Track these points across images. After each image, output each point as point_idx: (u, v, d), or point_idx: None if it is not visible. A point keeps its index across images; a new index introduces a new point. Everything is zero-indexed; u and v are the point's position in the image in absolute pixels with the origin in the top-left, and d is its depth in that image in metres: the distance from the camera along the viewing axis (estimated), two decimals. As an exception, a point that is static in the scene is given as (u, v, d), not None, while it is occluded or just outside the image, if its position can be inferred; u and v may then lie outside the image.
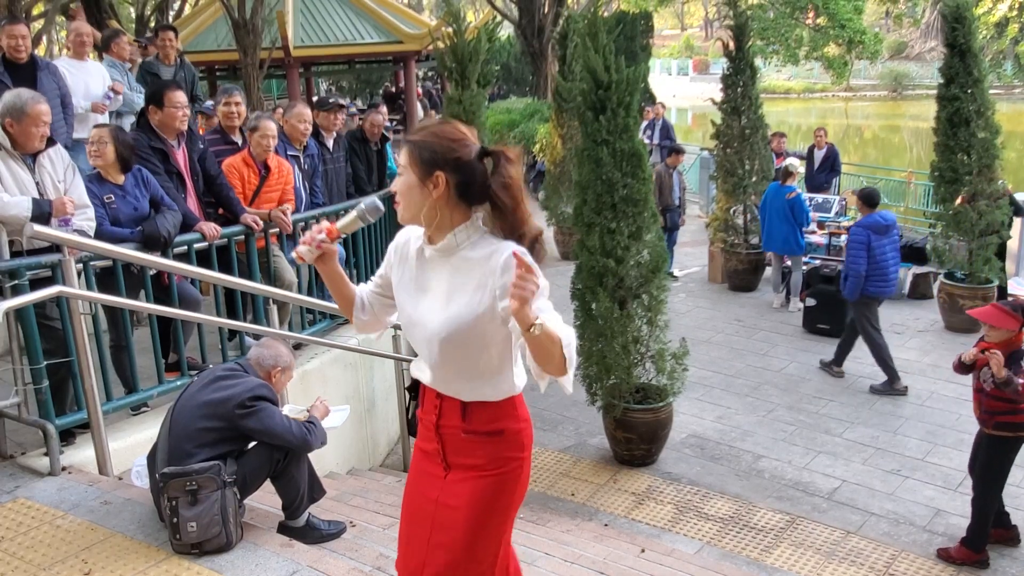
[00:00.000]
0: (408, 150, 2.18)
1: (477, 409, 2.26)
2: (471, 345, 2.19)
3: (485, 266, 2.15)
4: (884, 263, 7.23)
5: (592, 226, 5.85)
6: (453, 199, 2.16)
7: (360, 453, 6.02)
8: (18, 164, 4.10)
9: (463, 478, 2.29)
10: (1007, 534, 5.01)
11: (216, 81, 20.80)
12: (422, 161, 2.14)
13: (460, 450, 2.30)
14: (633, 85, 5.78)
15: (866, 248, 7.18)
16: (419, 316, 2.25)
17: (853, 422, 6.78)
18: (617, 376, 5.91)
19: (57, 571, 3.14)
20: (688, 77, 47.62)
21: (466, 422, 2.27)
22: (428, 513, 2.33)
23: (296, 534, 3.55)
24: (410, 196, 2.18)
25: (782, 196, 9.28)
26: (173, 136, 5.04)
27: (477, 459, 2.28)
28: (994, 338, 4.63)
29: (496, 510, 2.30)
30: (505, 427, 2.28)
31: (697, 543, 5.11)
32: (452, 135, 2.17)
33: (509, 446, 2.29)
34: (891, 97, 43.03)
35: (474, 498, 2.27)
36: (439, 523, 2.30)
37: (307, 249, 2.25)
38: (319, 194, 6.27)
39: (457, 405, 2.28)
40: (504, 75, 30.97)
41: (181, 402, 3.46)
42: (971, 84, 8.54)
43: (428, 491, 2.35)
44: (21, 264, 3.84)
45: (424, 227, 2.22)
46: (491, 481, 2.28)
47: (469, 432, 2.27)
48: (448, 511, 2.29)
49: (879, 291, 7.32)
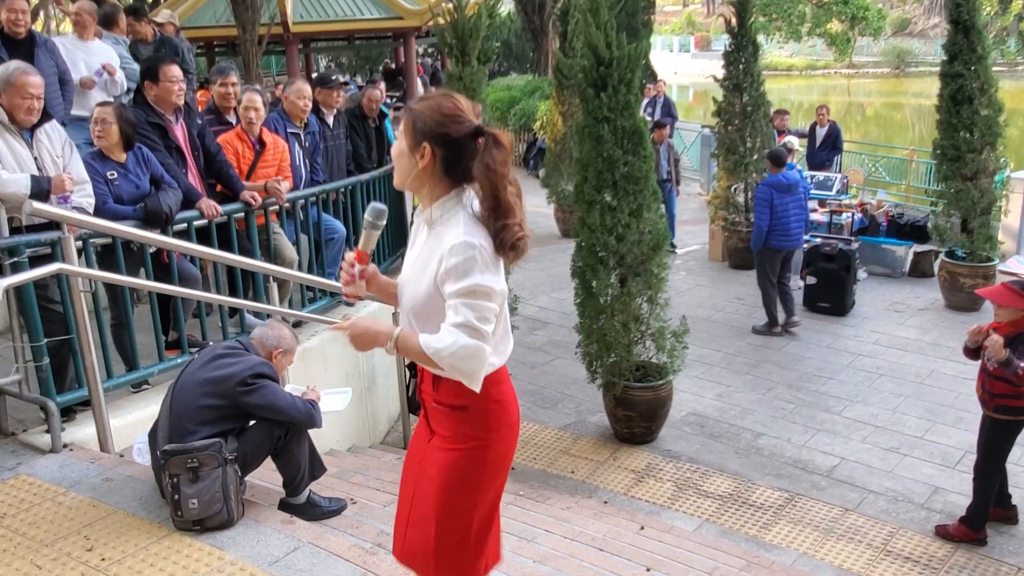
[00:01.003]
0: (406, 118, 2.23)
1: (446, 381, 2.27)
2: (431, 319, 2.20)
3: (440, 246, 2.17)
4: (786, 219, 7.96)
5: (593, 204, 5.83)
6: (438, 172, 2.20)
7: (360, 431, 6.04)
8: (16, 139, 4.09)
9: (438, 447, 2.35)
10: (1005, 513, 5.03)
11: (215, 57, 20.67)
12: (414, 131, 2.19)
13: (435, 419, 2.37)
14: (635, 62, 5.73)
15: (769, 205, 7.91)
16: (402, 282, 2.33)
17: (852, 400, 6.79)
18: (617, 354, 5.91)
19: (60, 547, 3.15)
20: (690, 54, 47.30)
21: (436, 392, 2.31)
22: (414, 475, 2.42)
23: (297, 511, 3.57)
24: (400, 162, 2.24)
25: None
26: (171, 111, 5.02)
27: (446, 430, 2.33)
28: (1003, 317, 4.59)
29: (464, 486, 2.32)
30: (470, 404, 2.27)
31: (696, 520, 5.13)
32: (448, 110, 2.17)
33: (473, 424, 2.30)
34: (894, 74, 42.78)
35: (442, 469, 2.32)
36: (420, 489, 2.38)
37: (353, 288, 2.31)
38: (319, 171, 6.24)
39: (429, 374, 2.32)
40: (504, 52, 30.80)
41: (182, 380, 3.47)
42: (975, 61, 8.47)
43: (417, 452, 2.44)
44: (21, 241, 3.83)
45: (419, 194, 2.29)
46: (457, 456, 2.31)
47: (438, 403, 2.33)
48: (425, 479, 2.36)
49: (780, 244, 8.05)
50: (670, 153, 11.03)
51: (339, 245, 6.07)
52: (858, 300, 8.94)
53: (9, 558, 3.09)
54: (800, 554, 4.76)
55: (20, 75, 4.04)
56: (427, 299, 2.20)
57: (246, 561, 3.05)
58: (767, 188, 8.03)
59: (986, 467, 4.82)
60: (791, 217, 7.98)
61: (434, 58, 27.58)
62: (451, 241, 2.13)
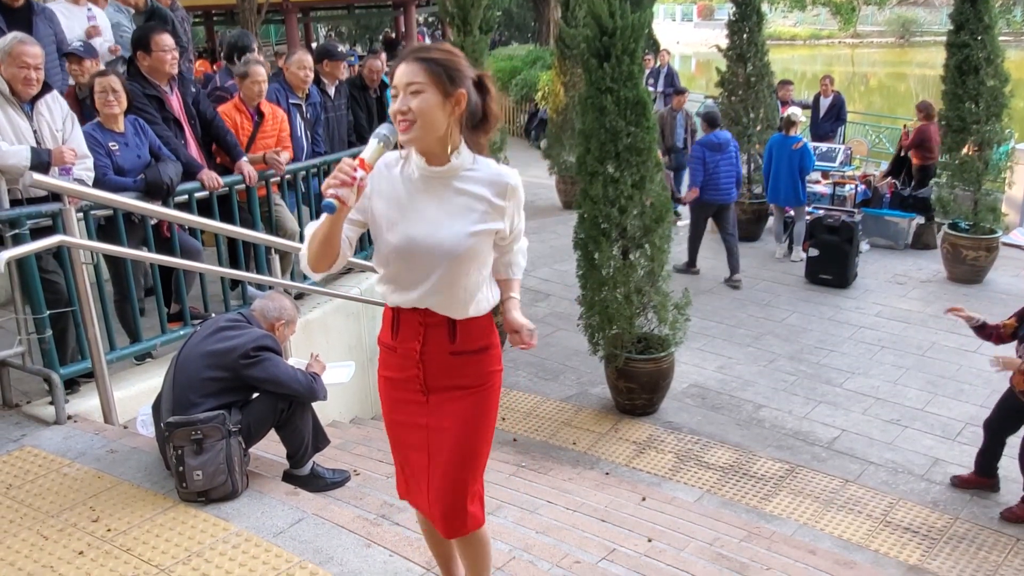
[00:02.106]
0: (427, 68, 2.12)
1: (464, 328, 2.30)
2: (477, 259, 2.26)
3: (491, 186, 2.24)
4: (716, 175, 8.71)
5: (595, 175, 5.80)
6: (460, 119, 2.19)
7: (363, 402, 6.06)
8: (16, 112, 4.05)
9: (448, 399, 2.34)
10: (989, 482, 5.11)
11: (213, 27, 20.49)
12: (444, 79, 2.13)
13: (444, 373, 2.33)
14: (638, 32, 5.67)
15: (702, 163, 8.67)
16: (422, 239, 2.21)
17: (854, 372, 6.81)
18: (619, 326, 5.91)
19: (65, 518, 3.17)
20: (692, 23, 46.84)
21: (455, 343, 2.31)
22: (422, 439, 2.37)
23: (301, 482, 3.59)
24: (432, 116, 2.13)
25: (788, 147, 9.18)
26: (165, 81, 4.97)
27: (463, 378, 2.34)
28: None
29: (486, 423, 2.39)
30: (490, 343, 2.37)
31: (697, 491, 5.17)
32: (461, 55, 2.22)
33: (492, 360, 2.38)
34: (898, 44, 42.39)
35: (465, 416, 2.33)
36: (435, 447, 2.35)
37: (349, 191, 2.05)
38: (320, 143, 6.20)
39: (444, 329, 2.30)
40: (505, 21, 30.50)
41: (185, 352, 3.47)
42: (981, 31, 8.38)
43: (415, 417, 2.38)
44: (21, 213, 3.81)
45: (431, 148, 2.19)
46: (480, 397, 2.35)
47: (457, 353, 2.32)
48: (439, 433, 2.34)
49: (712, 198, 8.75)
50: (687, 122, 11.01)
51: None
52: (860, 272, 8.92)
53: (16, 528, 3.12)
54: (800, 525, 4.80)
55: (18, 44, 3.99)
56: (483, 238, 2.24)
57: (251, 532, 3.07)
58: (700, 147, 8.82)
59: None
60: (721, 173, 8.71)
61: (433, 28, 27.32)
62: (506, 179, 2.24)
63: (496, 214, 2.25)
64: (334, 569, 2.84)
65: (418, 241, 2.21)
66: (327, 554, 2.92)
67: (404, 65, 2.15)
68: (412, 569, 2.84)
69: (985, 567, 4.43)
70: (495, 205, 2.24)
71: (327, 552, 2.93)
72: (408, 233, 2.22)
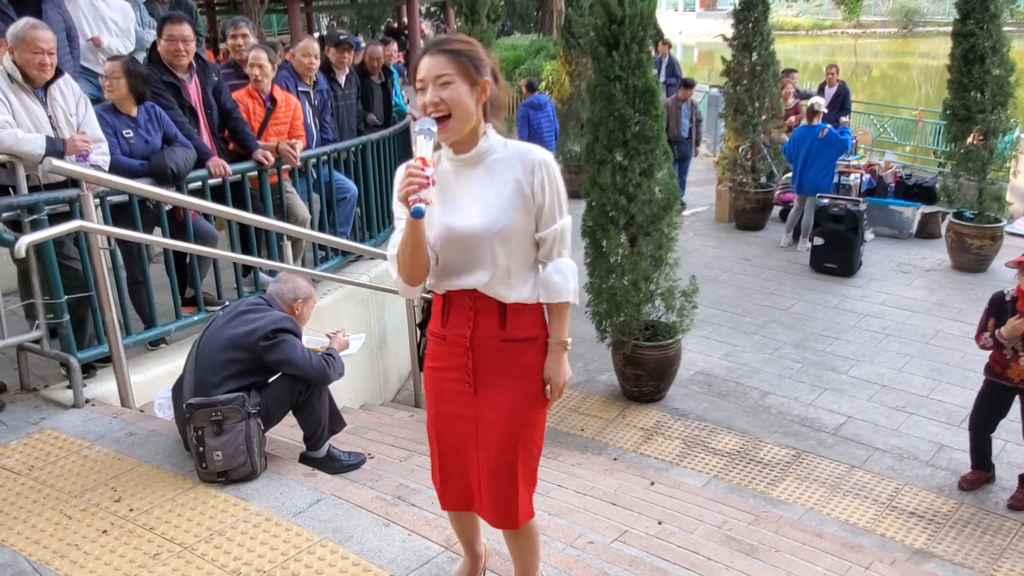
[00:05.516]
0: (454, 59, 2.15)
1: (514, 313, 2.30)
2: (517, 235, 2.26)
3: (519, 165, 2.25)
4: (540, 131, 10.51)
5: (604, 163, 5.83)
6: (485, 107, 2.24)
7: (372, 389, 6.10)
8: (30, 98, 4.08)
9: (498, 390, 2.33)
10: (986, 475, 5.14)
11: (215, 16, 20.47)
12: (474, 68, 2.17)
13: (494, 361, 2.32)
14: (647, 19, 5.69)
15: (527, 121, 10.51)
16: (462, 224, 2.24)
17: (859, 360, 6.85)
18: (627, 313, 5.95)
19: (88, 498, 3.22)
20: (695, 13, 46.67)
21: (505, 329, 2.30)
22: (470, 431, 2.36)
23: (317, 464, 3.63)
24: (464, 105, 2.16)
25: (813, 136, 9.17)
26: (183, 70, 4.99)
27: (513, 368, 2.33)
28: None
29: (535, 415, 2.37)
30: (540, 333, 2.36)
31: (704, 477, 5.22)
32: (481, 46, 2.26)
33: (542, 352, 2.37)
34: (901, 34, 42.23)
35: (516, 408, 2.32)
36: (484, 439, 2.34)
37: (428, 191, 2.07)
38: (328, 130, 6.23)
39: (496, 313, 2.30)
40: (508, 11, 30.42)
41: (207, 335, 3.51)
42: (987, 20, 8.38)
43: (462, 408, 2.36)
44: (40, 199, 3.85)
45: (460, 138, 2.22)
46: (529, 388, 2.35)
47: (507, 340, 2.31)
48: (488, 426, 2.33)
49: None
50: (693, 112, 11.05)
51: (351, 204, 6.09)
52: (865, 261, 8.97)
53: (39, 508, 3.16)
54: (807, 509, 4.85)
55: (30, 30, 4.02)
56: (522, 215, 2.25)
57: (271, 511, 3.11)
58: (524, 108, 10.66)
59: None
60: (543, 129, 10.55)
61: (435, 17, 27.25)
62: (533, 155, 2.26)
63: (527, 188, 2.25)
64: (354, 547, 2.88)
65: (459, 227, 2.24)
66: (347, 533, 2.97)
67: (429, 58, 2.16)
68: (431, 547, 2.88)
69: (990, 551, 4.48)
70: (525, 179, 2.25)
71: (347, 531, 2.98)
72: (447, 223, 2.25)
